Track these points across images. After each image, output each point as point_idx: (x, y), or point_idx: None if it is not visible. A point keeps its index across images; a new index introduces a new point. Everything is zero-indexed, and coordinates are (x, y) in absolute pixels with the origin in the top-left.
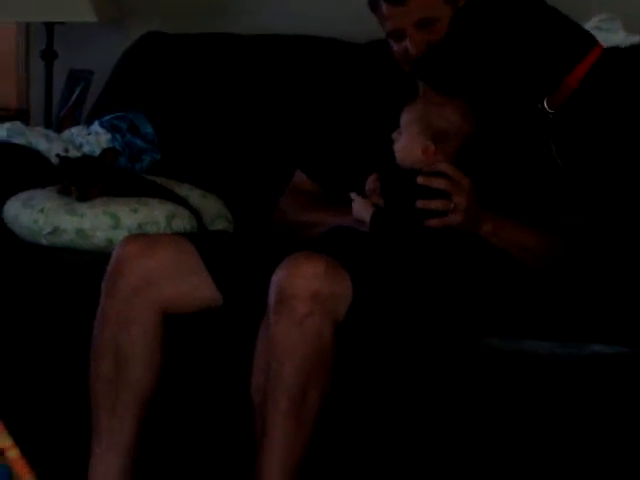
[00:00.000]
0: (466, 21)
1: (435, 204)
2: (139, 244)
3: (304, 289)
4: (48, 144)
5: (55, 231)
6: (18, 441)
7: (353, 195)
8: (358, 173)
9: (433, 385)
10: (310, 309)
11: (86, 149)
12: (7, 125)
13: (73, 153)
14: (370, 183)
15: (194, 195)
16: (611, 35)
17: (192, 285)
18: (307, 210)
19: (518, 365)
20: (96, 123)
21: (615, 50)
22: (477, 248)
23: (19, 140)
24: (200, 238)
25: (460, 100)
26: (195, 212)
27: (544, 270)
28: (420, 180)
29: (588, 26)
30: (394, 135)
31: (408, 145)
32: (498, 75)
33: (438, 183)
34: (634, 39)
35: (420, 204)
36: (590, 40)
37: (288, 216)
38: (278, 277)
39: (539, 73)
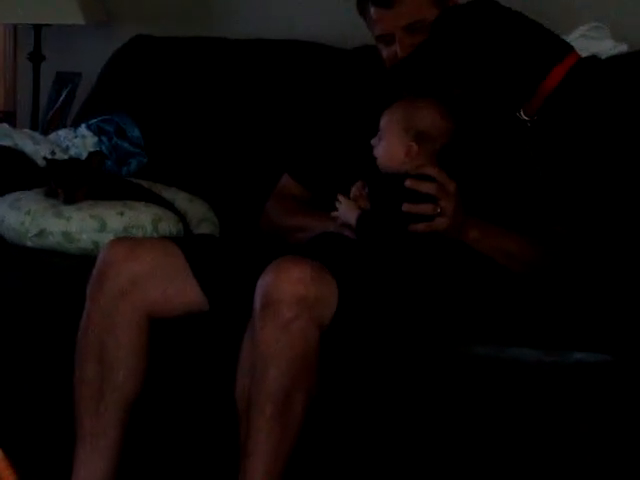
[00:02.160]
0: (443, 29)
1: (422, 208)
2: (125, 247)
3: (290, 294)
4: (35, 146)
5: (41, 233)
6: (1, 442)
7: (340, 197)
8: (345, 177)
9: (419, 391)
10: (295, 314)
11: (73, 152)
12: None
13: (60, 156)
14: (356, 190)
15: (180, 199)
16: (598, 43)
17: (178, 289)
18: (293, 215)
19: (504, 373)
20: (83, 126)
21: (592, 59)
22: (463, 255)
23: (5, 142)
24: (186, 242)
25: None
26: (181, 216)
27: (528, 276)
28: (408, 183)
29: (577, 34)
30: (373, 141)
31: (390, 147)
32: (472, 82)
33: (426, 187)
34: (622, 48)
35: (407, 207)
36: (564, 48)
37: (274, 220)
38: (264, 281)
39: (512, 80)
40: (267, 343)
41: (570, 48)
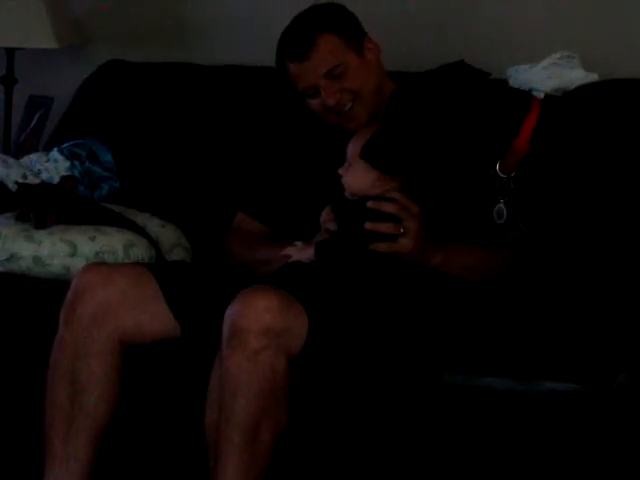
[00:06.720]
0: (403, 101)
1: (384, 227)
2: (99, 273)
3: (257, 324)
4: (6, 170)
5: (12, 258)
6: None
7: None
8: (303, 208)
9: (390, 419)
10: (262, 344)
11: (44, 176)
12: None
13: (31, 180)
14: (325, 214)
15: (152, 224)
16: (569, 72)
17: (150, 315)
18: (255, 249)
19: (476, 402)
20: (55, 150)
21: (551, 100)
22: (432, 280)
23: None
24: (159, 268)
25: None
26: (153, 241)
27: (500, 301)
28: (370, 204)
29: (549, 61)
30: (341, 171)
31: (360, 174)
32: (443, 152)
33: (388, 207)
34: (592, 77)
35: (369, 226)
36: (526, 99)
37: (237, 257)
38: (231, 311)
39: (484, 143)
40: (234, 373)
41: (529, 97)
